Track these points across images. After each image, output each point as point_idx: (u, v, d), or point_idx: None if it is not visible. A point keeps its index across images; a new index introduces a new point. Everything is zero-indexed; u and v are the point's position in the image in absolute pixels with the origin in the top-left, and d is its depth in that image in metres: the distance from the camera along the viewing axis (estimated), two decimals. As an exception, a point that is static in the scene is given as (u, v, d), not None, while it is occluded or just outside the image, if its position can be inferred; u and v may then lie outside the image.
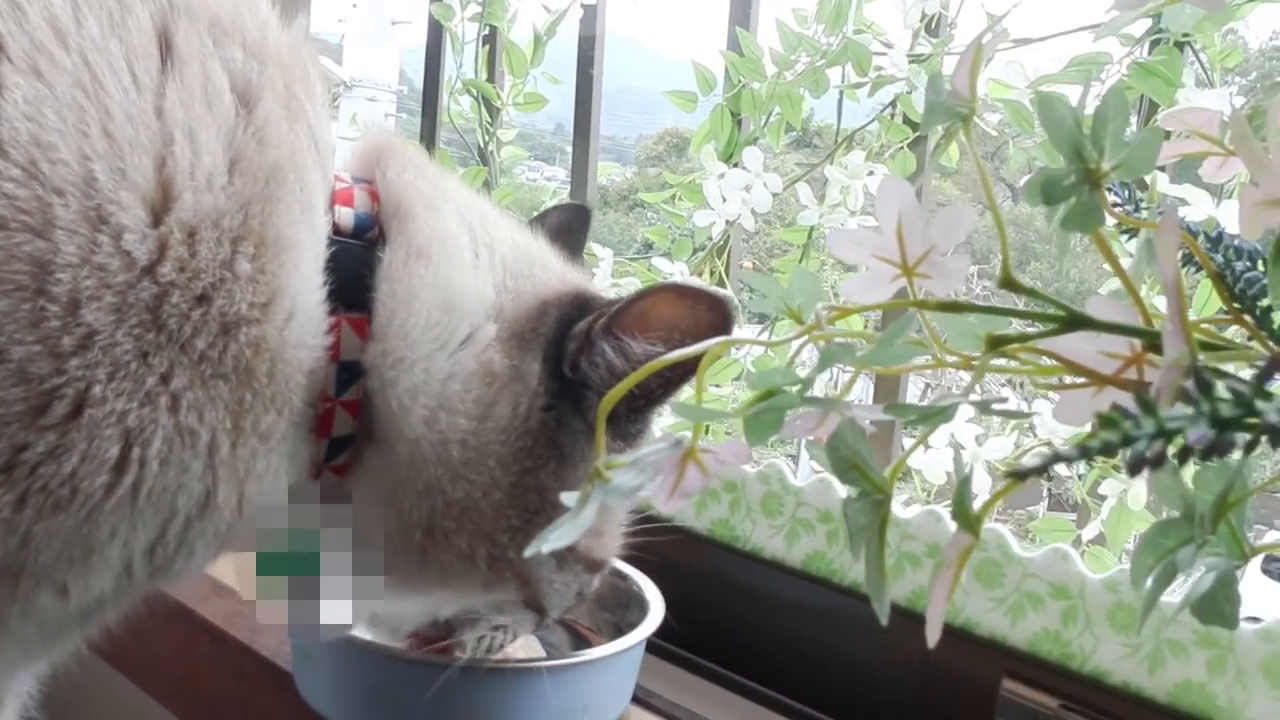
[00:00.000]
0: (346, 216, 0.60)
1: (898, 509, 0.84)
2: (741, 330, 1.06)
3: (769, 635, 0.90)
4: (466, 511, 0.61)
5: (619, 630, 0.80)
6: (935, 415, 0.44)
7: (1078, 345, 0.45)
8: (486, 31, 1.46)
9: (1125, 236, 0.59)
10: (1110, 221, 0.51)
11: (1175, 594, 0.72)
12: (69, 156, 0.48)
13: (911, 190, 0.48)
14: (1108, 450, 0.27)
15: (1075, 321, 0.44)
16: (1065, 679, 0.75)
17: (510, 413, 0.61)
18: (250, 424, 0.54)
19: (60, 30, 0.49)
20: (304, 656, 0.75)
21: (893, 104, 1.19)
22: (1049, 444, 1.08)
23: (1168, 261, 0.39)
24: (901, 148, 1.16)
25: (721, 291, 0.59)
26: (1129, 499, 0.98)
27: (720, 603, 0.91)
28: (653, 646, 0.85)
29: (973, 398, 0.45)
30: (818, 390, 0.44)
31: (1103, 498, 0.99)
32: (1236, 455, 0.29)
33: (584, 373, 0.62)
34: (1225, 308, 0.47)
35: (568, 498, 0.41)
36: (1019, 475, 0.31)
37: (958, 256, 0.48)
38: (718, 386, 1.18)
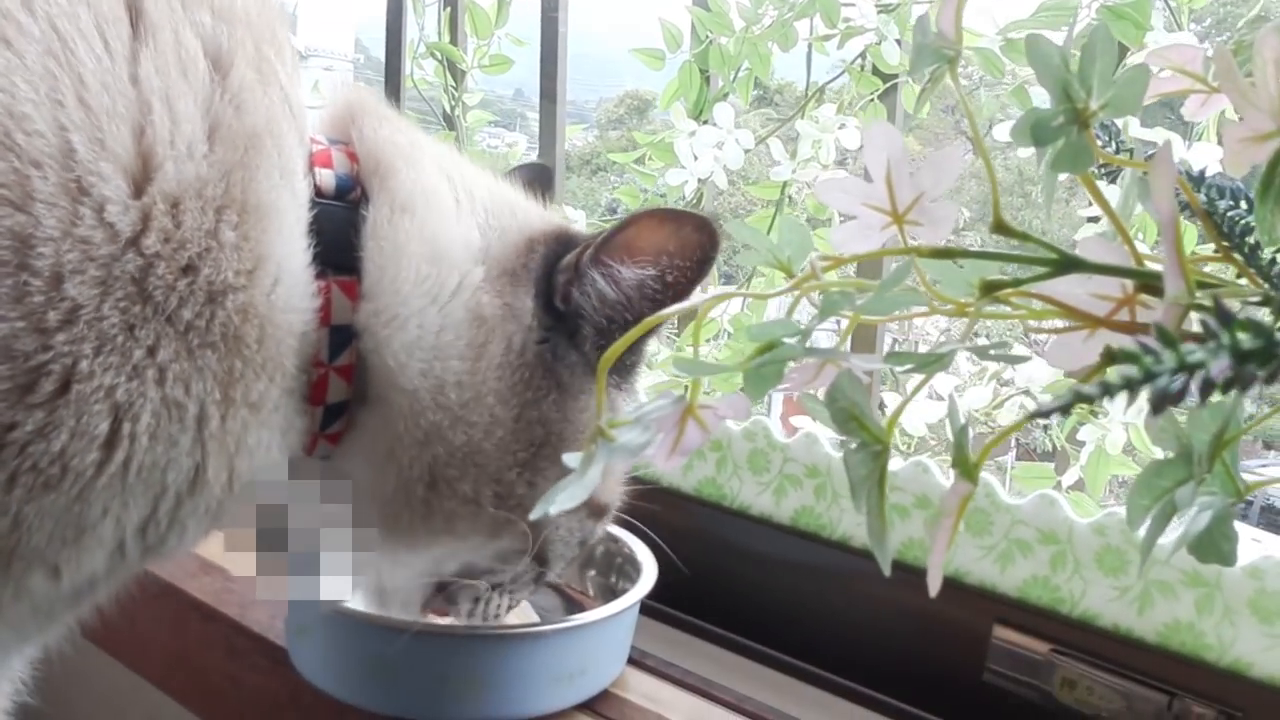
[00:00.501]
0: (327, 178, 0.59)
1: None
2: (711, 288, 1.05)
3: (760, 592, 0.90)
4: (470, 455, 0.61)
5: (611, 593, 0.81)
6: (933, 363, 0.44)
7: (1070, 288, 0.44)
8: (449, -7, 1.43)
9: (1104, 181, 0.59)
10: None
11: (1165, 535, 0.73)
12: (44, 127, 0.47)
13: (899, 136, 0.48)
14: (1130, 386, 0.27)
15: (1067, 264, 0.44)
16: (1056, 624, 0.75)
17: (504, 349, 0.61)
18: (240, 394, 0.53)
19: None
20: (299, 630, 0.74)
21: (862, 55, 1.18)
22: (1027, 391, 1.09)
23: (1164, 199, 0.39)
24: (872, 99, 1.16)
25: (705, 212, 0.59)
26: (1107, 444, 0.99)
27: (710, 562, 0.92)
28: (645, 608, 0.85)
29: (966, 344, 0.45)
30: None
31: (1081, 444, 1.00)
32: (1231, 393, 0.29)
33: (576, 303, 0.62)
34: (1215, 247, 0.47)
35: (571, 458, 0.41)
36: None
37: (947, 203, 0.47)
38: (695, 344, 1.18)
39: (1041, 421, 1.12)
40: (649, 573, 0.78)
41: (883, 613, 0.84)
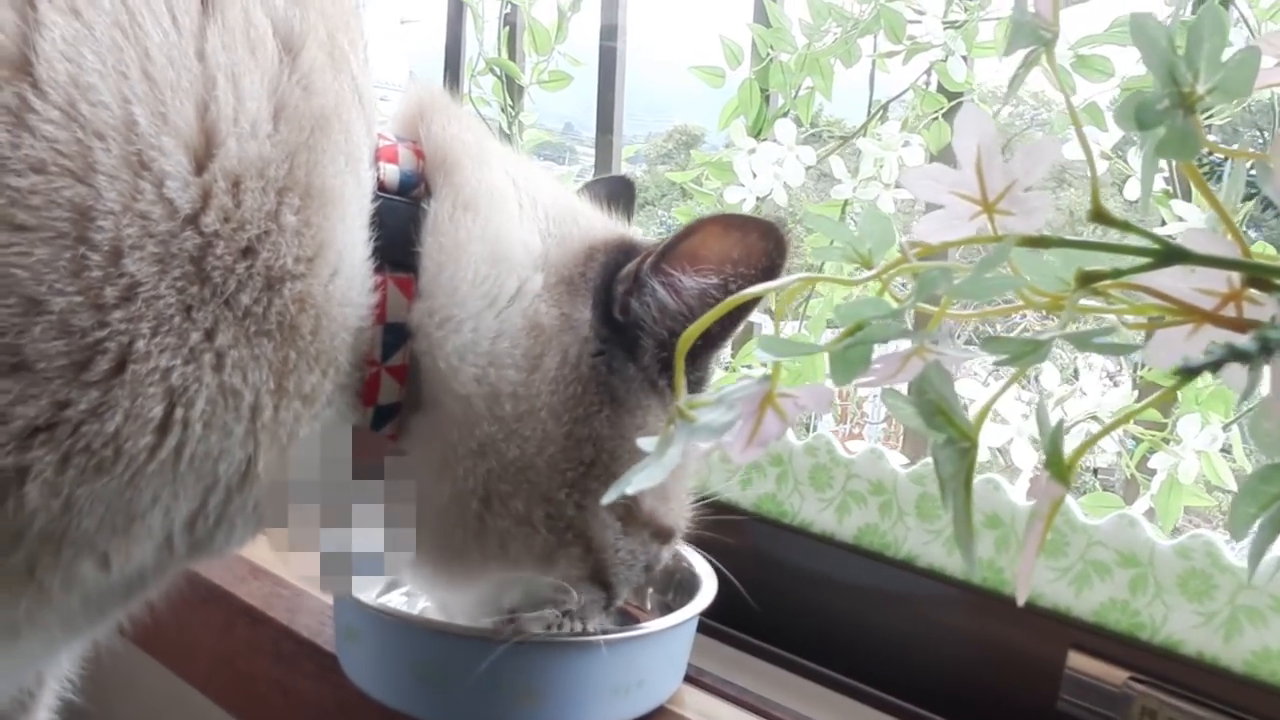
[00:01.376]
0: (391, 173, 0.58)
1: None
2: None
3: (821, 613, 0.87)
4: (522, 471, 0.59)
5: (669, 610, 0.78)
6: (1030, 352, 0.42)
7: (1173, 282, 0.42)
8: (508, 10, 1.44)
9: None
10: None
11: (1244, 557, 0.69)
12: (109, 99, 0.46)
13: (990, 122, 0.46)
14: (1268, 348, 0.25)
15: (1171, 255, 0.41)
16: (1134, 650, 0.72)
17: (559, 362, 0.59)
18: (294, 385, 0.52)
19: None
20: (348, 634, 0.73)
21: (927, 73, 1.16)
22: (1094, 417, 1.06)
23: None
24: (936, 118, 1.14)
25: (770, 218, 0.57)
26: (1180, 472, 0.95)
27: (769, 581, 0.89)
28: (704, 627, 0.83)
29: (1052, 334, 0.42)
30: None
31: (1152, 472, 0.96)
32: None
33: (635, 315, 0.60)
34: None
35: (646, 442, 0.39)
36: (1191, 371, 0.28)
37: (1040, 193, 0.45)
38: (749, 367, 1.16)
39: (1113, 448, 1.09)
40: (708, 587, 0.76)
41: (950, 636, 0.80)
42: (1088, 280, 0.42)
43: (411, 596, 0.81)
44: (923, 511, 0.81)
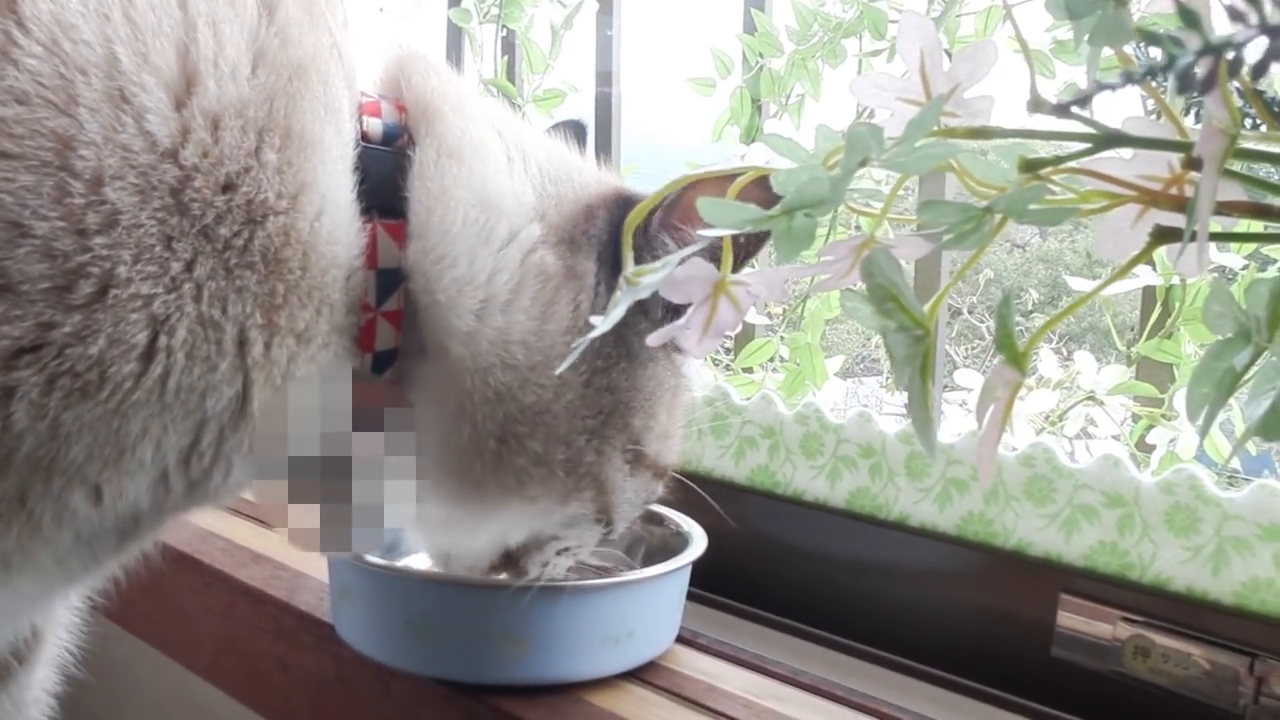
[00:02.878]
0: (374, 125, 0.60)
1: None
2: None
3: (816, 580, 0.87)
4: (540, 414, 0.61)
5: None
6: (971, 230, 0.43)
7: (1115, 171, 0.43)
8: (505, 34, 1.47)
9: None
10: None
11: (1228, 488, 0.70)
12: (91, 37, 0.48)
13: (933, 27, 0.48)
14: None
15: (1110, 139, 0.43)
16: (1125, 591, 0.72)
17: (572, 312, 0.61)
18: (285, 320, 0.53)
19: None
20: (343, 593, 0.73)
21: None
22: (1092, 396, 1.06)
23: None
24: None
25: (766, 168, 0.58)
26: (1179, 448, 0.95)
27: (765, 552, 0.89)
28: (699, 597, 0.83)
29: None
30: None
31: (1151, 448, 0.96)
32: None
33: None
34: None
35: (596, 319, 0.40)
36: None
37: (984, 96, 0.47)
38: (749, 370, 1.17)
39: (1111, 430, 1.08)
40: (698, 541, 0.76)
41: (944, 590, 0.81)
42: (1031, 167, 0.43)
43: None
44: (912, 470, 0.82)
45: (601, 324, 0.39)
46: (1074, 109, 0.44)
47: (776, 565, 0.89)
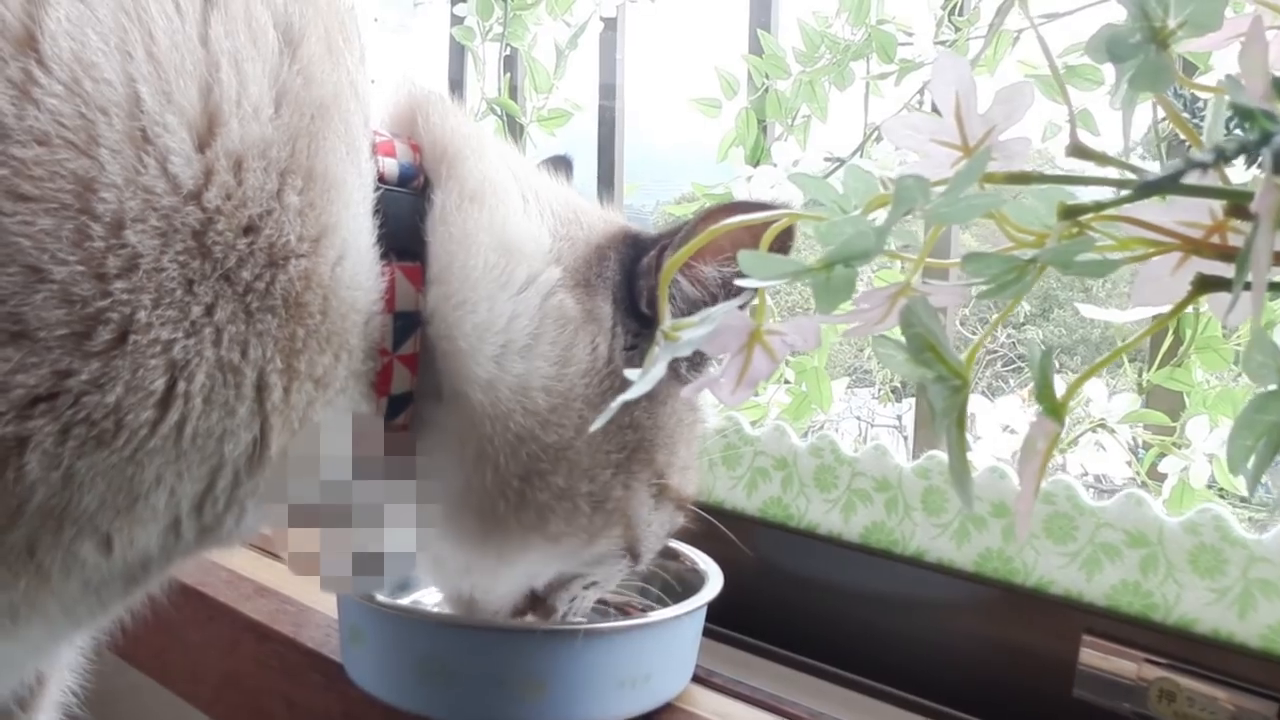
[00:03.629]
0: (390, 166, 0.59)
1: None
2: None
3: (831, 614, 0.86)
4: (563, 450, 0.60)
5: (676, 609, 0.77)
6: (1014, 280, 0.42)
7: (1155, 216, 0.42)
8: (508, 52, 1.46)
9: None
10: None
11: (1254, 529, 0.69)
12: (113, 76, 0.47)
13: (968, 68, 0.47)
14: (1244, 150, 0.25)
15: (1151, 186, 0.42)
16: (1149, 632, 0.71)
17: (590, 355, 0.61)
18: (305, 365, 0.52)
19: None
20: (353, 635, 0.72)
21: (920, 93, 1.18)
22: (1103, 424, 1.05)
23: (1257, 78, 0.37)
24: (931, 137, 1.15)
25: (776, 201, 0.59)
26: (1190, 476, 0.94)
27: (778, 586, 0.88)
28: (713, 633, 0.82)
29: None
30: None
31: (1163, 477, 0.95)
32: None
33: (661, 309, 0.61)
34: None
35: (631, 372, 0.39)
36: (1148, 188, 0.28)
37: (1020, 138, 0.46)
38: (756, 393, 1.16)
39: (1122, 456, 1.07)
40: (714, 580, 0.75)
41: (962, 628, 0.79)
42: (1070, 214, 0.42)
43: (418, 606, 0.80)
44: (929, 505, 0.80)
45: (640, 384, 0.37)
46: (1112, 155, 0.43)
47: (788, 599, 0.88)
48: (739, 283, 0.45)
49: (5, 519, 0.46)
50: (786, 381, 1.23)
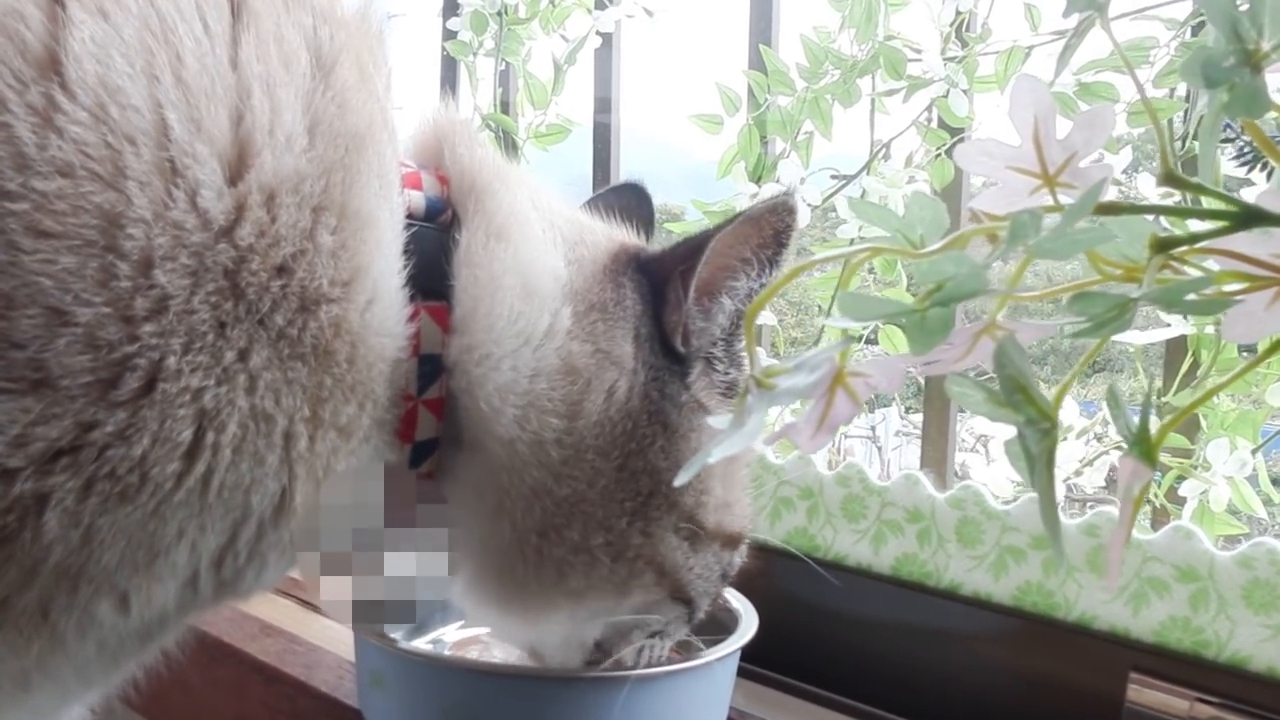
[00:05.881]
0: (417, 199, 0.56)
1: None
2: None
3: (861, 649, 0.83)
4: (575, 504, 0.58)
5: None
6: (1115, 317, 0.39)
7: (1250, 248, 0.40)
8: (503, 67, 1.43)
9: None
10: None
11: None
12: (139, 102, 0.44)
13: (1048, 92, 0.44)
14: None
15: (1249, 217, 0.39)
16: (1200, 670, 0.68)
17: (604, 401, 0.58)
18: (330, 414, 0.49)
19: None
20: (374, 680, 0.68)
21: (928, 109, 1.16)
22: (1120, 445, 1.03)
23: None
24: (939, 154, 1.13)
25: (774, 198, 0.58)
26: (1211, 500, 0.93)
27: (806, 619, 0.85)
28: (744, 671, 0.79)
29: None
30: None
31: (1182, 500, 0.93)
32: None
33: (698, 337, 0.61)
34: None
35: (718, 420, 0.36)
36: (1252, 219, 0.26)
37: (1102, 164, 0.43)
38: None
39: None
40: (748, 622, 0.72)
41: (1001, 665, 0.77)
42: (1164, 246, 0.40)
43: (437, 644, 0.77)
44: (964, 537, 0.78)
45: (731, 441, 0.34)
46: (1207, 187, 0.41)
47: (815, 632, 0.85)
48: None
49: (19, 580, 0.43)
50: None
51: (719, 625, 0.73)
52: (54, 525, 0.42)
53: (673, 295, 0.60)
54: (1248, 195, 0.39)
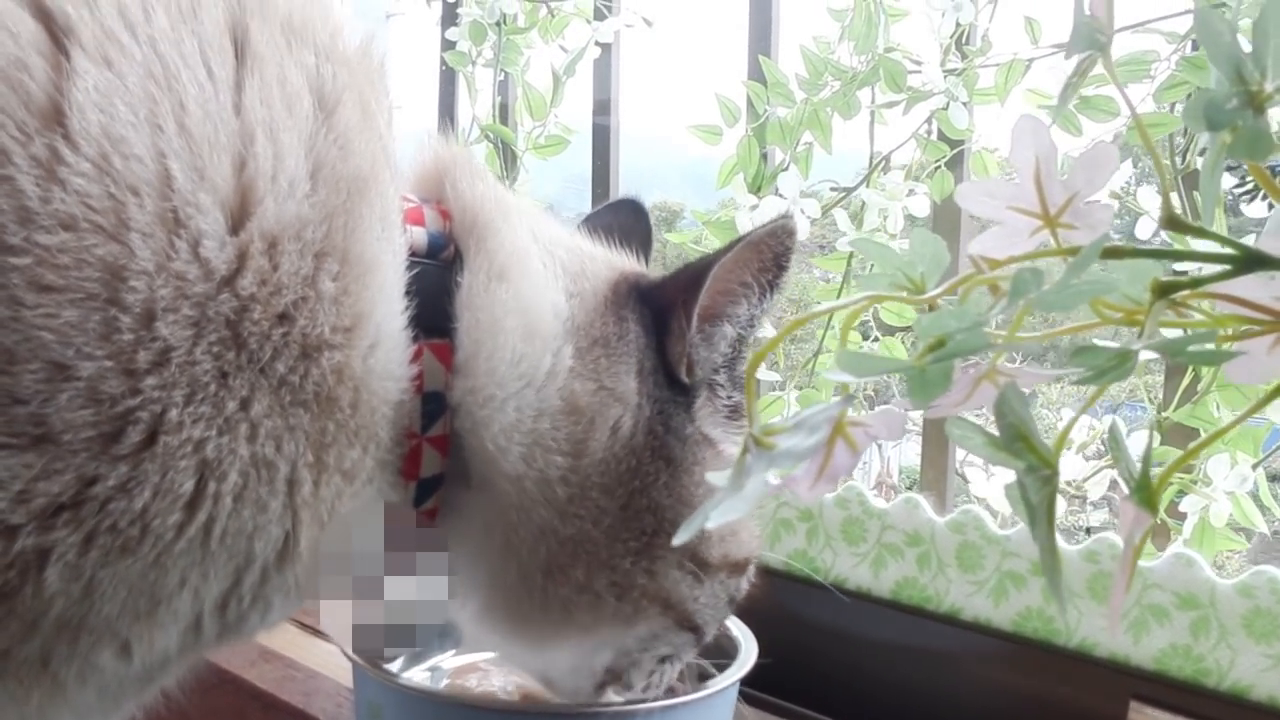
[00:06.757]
0: (419, 236, 0.56)
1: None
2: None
3: (860, 674, 0.83)
4: (579, 544, 0.58)
5: (704, 676, 0.74)
6: (1116, 366, 0.39)
7: (1252, 293, 0.40)
8: (501, 78, 1.43)
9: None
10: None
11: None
12: (143, 152, 0.43)
13: (1048, 132, 0.44)
14: None
15: (1251, 260, 0.39)
16: (1201, 699, 0.68)
17: (609, 438, 0.58)
18: (334, 459, 0.49)
19: (130, 19, 0.45)
20: (371, 711, 0.68)
21: (928, 121, 1.15)
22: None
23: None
24: (939, 166, 1.12)
25: (773, 222, 0.58)
26: (1211, 515, 0.92)
27: (805, 642, 0.85)
28: (744, 694, 0.79)
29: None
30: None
31: (1183, 516, 0.93)
32: None
33: (701, 367, 0.60)
34: None
35: (718, 477, 0.35)
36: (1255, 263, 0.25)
37: (1104, 204, 0.43)
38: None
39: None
40: (747, 652, 0.72)
41: (1002, 691, 0.76)
42: (1166, 291, 0.40)
43: (435, 672, 0.76)
44: (964, 562, 0.78)
45: (734, 503, 0.34)
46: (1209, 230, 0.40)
47: (815, 655, 0.85)
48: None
49: (20, 633, 0.43)
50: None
51: (718, 650, 0.73)
52: (55, 579, 0.42)
53: (675, 325, 0.60)
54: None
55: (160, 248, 0.43)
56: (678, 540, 0.35)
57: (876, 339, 1.11)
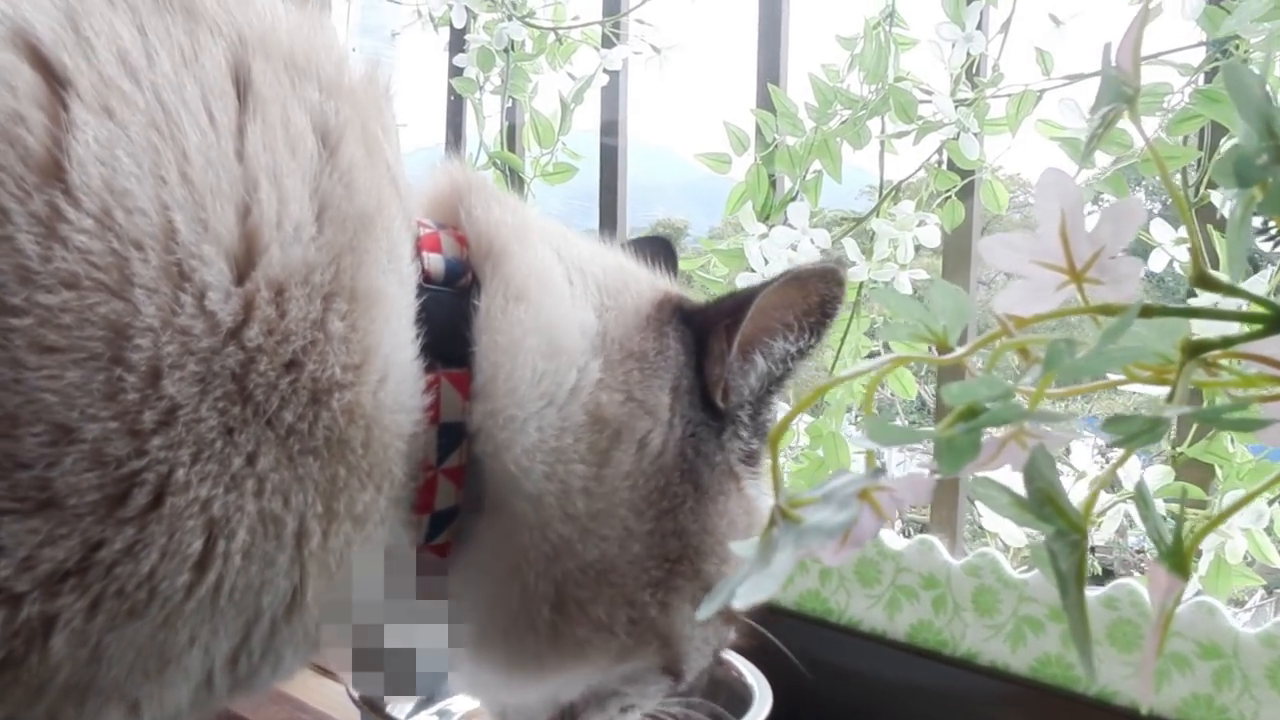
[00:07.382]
0: (435, 263, 0.55)
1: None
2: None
3: (874, 717, 0.82)
4: (603, 574, 0.56)
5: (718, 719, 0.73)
6: (1147, 430, 0.38)
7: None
8: (509, 104, 1.42)
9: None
10: None
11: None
12: (147, 205, 0.42)
13: (1075, 184, 0.43)
14: None
15: (1289, 321, 0.38)
16: (1224, 749, 0.67)
17: (636, 453, 0.56)
18: (344, 506, 0.48)
19: (131, 66, 0.44)
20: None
21: (939, 151, 1.15)
22: (1134, 495, 1.02)
23: None
24: (949, 196, 1.12)
25: (823, 263, 0.57)
26: (1227, 552, 0.91)
27: (817, 684, 0.84)
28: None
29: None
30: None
31: (1198, 554, 0.92)
32: None
33: (736, 395, 0.59)
34: None
35: (742, 546, 0.34)
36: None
37: (1132, 259, 0.42)
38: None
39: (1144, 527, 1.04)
40: (762, 699, 0.71)
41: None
42: (1196, 350, 0.39)
43: (444, 716, 0.75)
44: (980, 606, 0.76)
45: (766, 580, 0.33)
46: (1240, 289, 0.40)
47: (828, 698, 0.84)
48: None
49: (26, 700, 0.42)
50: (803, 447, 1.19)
51: (731, 692, 0.72)
52: (61, 646, 0.41)
53: (716, 347, 0.59)
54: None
55: (165, 303, 0.42)
56: (702, 614, 0.34)
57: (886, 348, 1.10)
